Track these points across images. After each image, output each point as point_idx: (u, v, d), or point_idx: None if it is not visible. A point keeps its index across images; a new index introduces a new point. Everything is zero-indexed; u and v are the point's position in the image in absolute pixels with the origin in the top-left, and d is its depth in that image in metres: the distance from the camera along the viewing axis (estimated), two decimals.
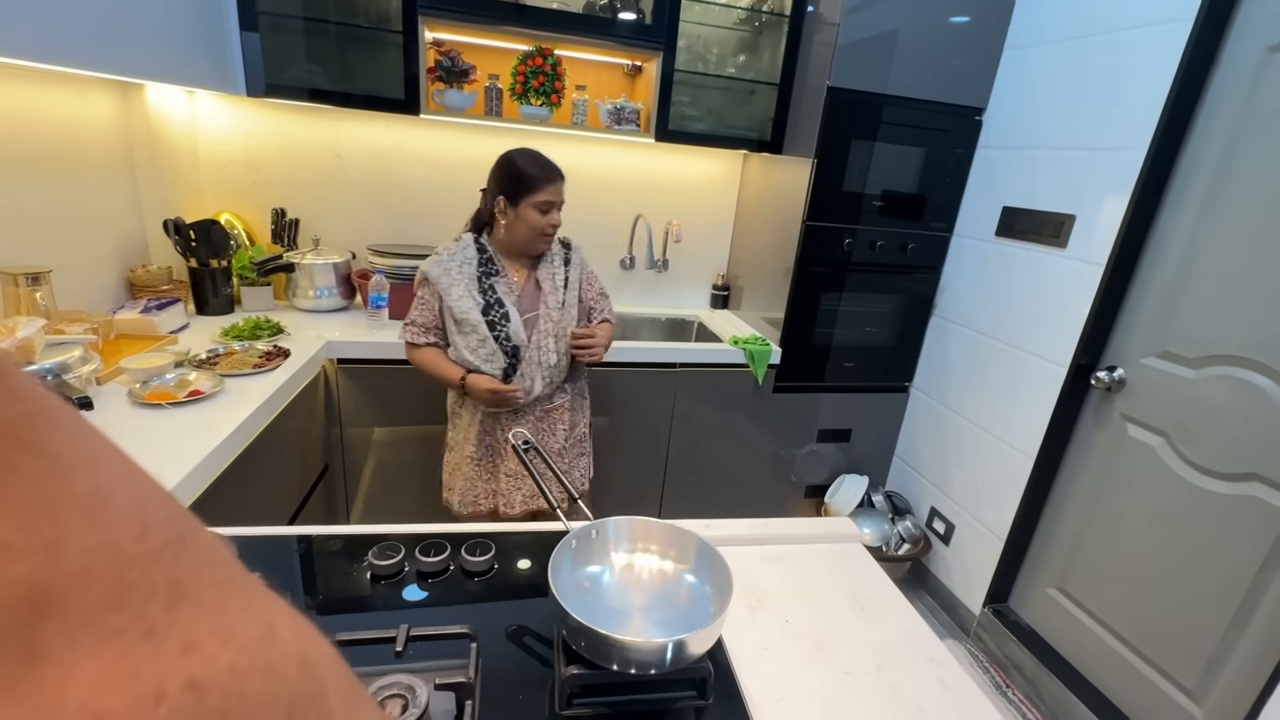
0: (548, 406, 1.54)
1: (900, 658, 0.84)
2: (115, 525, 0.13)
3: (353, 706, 0.17)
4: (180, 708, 0.12)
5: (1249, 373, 1.37)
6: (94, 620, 0.12)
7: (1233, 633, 1.39)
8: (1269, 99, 1.34)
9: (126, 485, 0.14)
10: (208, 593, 0.14)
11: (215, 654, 0.13)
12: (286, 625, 0.16)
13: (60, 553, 0.12)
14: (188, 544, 0.14)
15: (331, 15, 1.83)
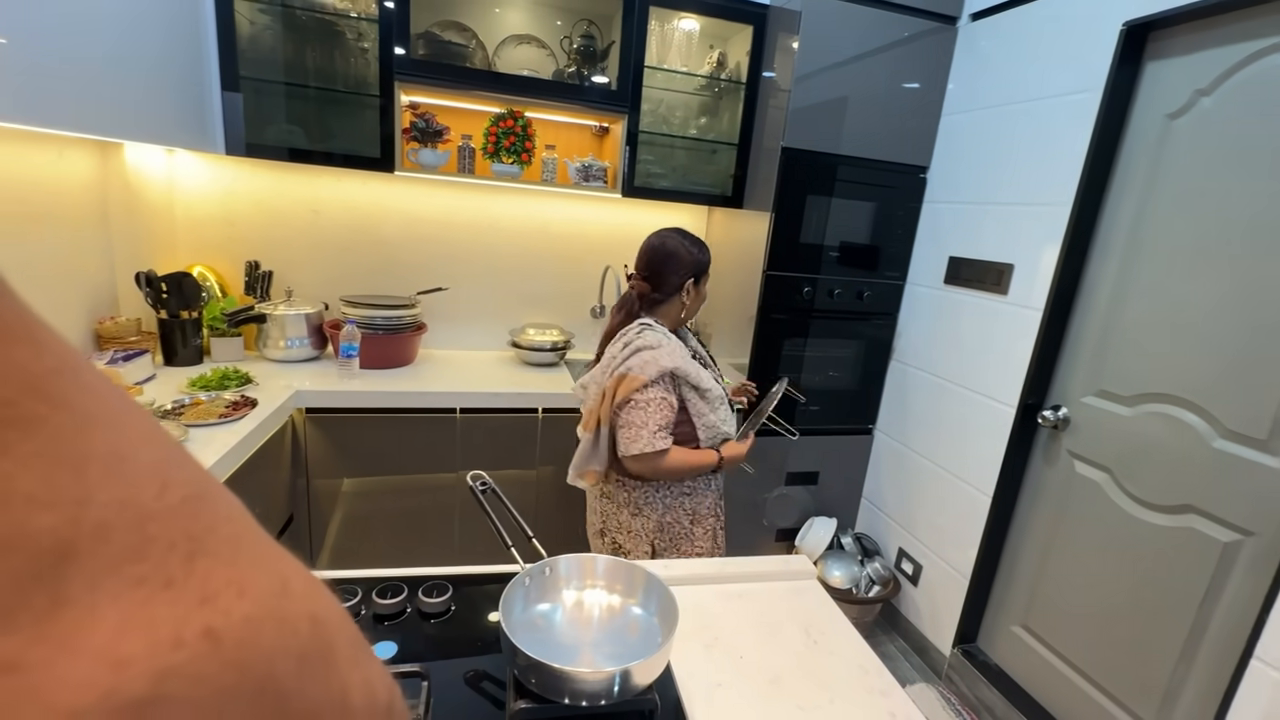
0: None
1: (852, 691, 0.86)
2: (136, 481, 0.13)
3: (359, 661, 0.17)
4: (197, 654, 0.13)
5: (1178, 409, 1.46)
6: (116, 569, 0.12)
7: (1183, 664, 1.43)
8: (1170, 160, 1.48)
9: (147, 443, 0.14)
10: (225, 547, 0.14)
11: (231, 605, 0.14)
12: (299, 581, 0.16)
13: (83, 505, 0.12)
14: (206, 501, 0.15)
15: (311, 80, 1.93)
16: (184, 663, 0.12)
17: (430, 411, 1.88)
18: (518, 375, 2.13)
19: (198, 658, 0.13)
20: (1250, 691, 1.23)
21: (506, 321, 2.38)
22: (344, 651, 0.17)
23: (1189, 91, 1.44)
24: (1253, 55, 1.33)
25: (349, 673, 0.17)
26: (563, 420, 2.00)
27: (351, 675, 0.17)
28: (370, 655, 0.18)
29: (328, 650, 0.16)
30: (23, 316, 0.13)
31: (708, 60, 2.24)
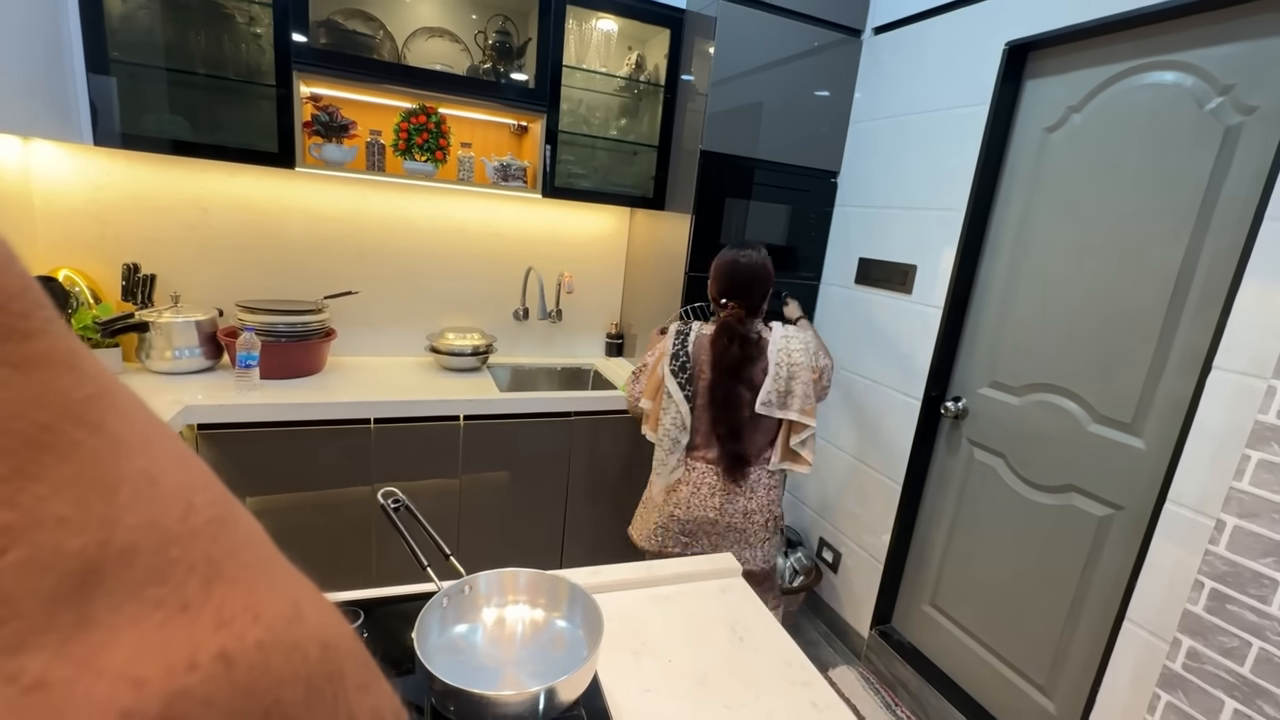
0: None
1: (776, 685, 0.88)
2: (162, 504, 0.14)
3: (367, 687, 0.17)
4: (210, 677, 0.13)
5: (1059, 398, 1.60)
6: (137, 592, 0.13)
7: (1068, 629, 1.57)
8: (1048, 170, 1.62)
9: (175, 466, 0.15)
10: (242, 572, 0.15)
11: (245, 630, 0.14)
12: (312, 607, 0.16)
13: (111, 528, 0.13)
14: (227, 525, 0.15)
15: (197, 67, 1.76)
16: (197, 685, 0.13)
17: (342, 423, 1.77)
18: (437, 382, 2.04)
19: (210, 680, 0.13)
20: (1124, 650, 1.36)
21: (424, 326, 2.29)
22: (352, 677, 0.17)
23: (1063, 107, 1.58)
24: (1113, 77, 1.48)
25: (357, 699, 0.17)
26: (486, 427, 1.94)
27: (360, 702, 0.17)
28: (379, 681, 0.19)
29: (336, 676, 0.16)
30: (70, 346, 0.13)
31: (626, 61, 2.25)
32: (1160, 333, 1.38)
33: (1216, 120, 1.29)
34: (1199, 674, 1.14)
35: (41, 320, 0.13)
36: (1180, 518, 1.27)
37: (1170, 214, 1.36)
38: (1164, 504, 1.30)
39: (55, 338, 0.13)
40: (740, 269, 1.56)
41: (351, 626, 0.18)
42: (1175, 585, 1.27)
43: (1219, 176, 1.29)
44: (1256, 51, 1.24)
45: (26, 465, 0.12)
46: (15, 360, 0.12)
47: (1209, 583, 1.13)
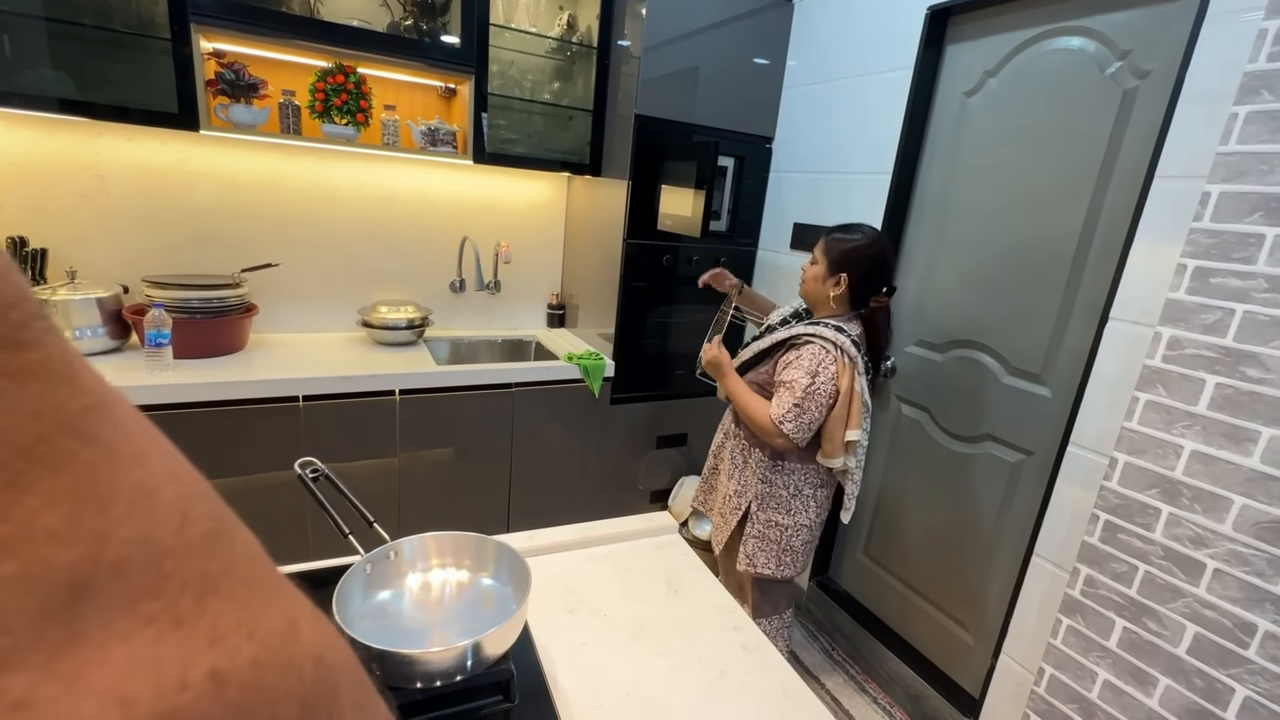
0: None
1: (708, 632, 0.91)
2: (156, 518, 0.13)
3: (363, 706, 0.17)
4: (201, 696, 0.12)
5: (976, 353, 1.68)
6: (129, 607, 0.12)
7: (985, 568, 1.69)
8: (967, 133, 1.68)
9: (171, 479, 0.14)
10: (238, 588, 0.14)
11: (239, 647, 0.14)
12: (308, 624, 0.16)
13: (103, 541, 0.12)
14: (223, 539, 0.15)
15: (81, 17, 1.60)
16: (188, 704, 0.12)
17: (267, 401, 1.69)
18: (371, 356, 1.97)
19: (201, 699, 0.12)
20: (1033, 583, 1.48)
21: (355, 300, 2.20)
22: (348, 696, 0.17)
23: (979, 72, 1.64)
24: (1026, 42, 1.54)
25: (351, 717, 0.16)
26: (424, 401, 1.89)
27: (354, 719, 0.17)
28: (374, 699, 0.18)
29: (331, 694, 0.16)
30: (65, 355, 0.13)
31: (558, 22, 2.18)
32: (1065, 287, 1.47)
33: (1115, 84, 1.36)
34: (1094, 598, 1.25)
35: (39, 330, 0.13)
36: (1081, 459, 1.37)
37: (1074, 174, 1.44)
38: (1067, 447, 1.40)
39: (52, 348, 0.13)
40: (892, 254, 1.49)
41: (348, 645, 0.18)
42: (1075, 520, 1.38)
43: (1117, 138, 1.36)
44: (1151, 17, 1.31)
45: (19, 478, 0.12)
46: (11, 371, 0.12)
47: (1103, 515, 1.23)
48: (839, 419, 1.42)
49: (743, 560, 1.59)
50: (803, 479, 1.53)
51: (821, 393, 1.39)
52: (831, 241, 1.48)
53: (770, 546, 1.56)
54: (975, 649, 1.72)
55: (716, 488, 1.73)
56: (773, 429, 1.41)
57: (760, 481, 1.55)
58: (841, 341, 1.42)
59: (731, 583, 1.70)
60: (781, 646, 1.70)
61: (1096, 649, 1.25)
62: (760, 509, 1.55)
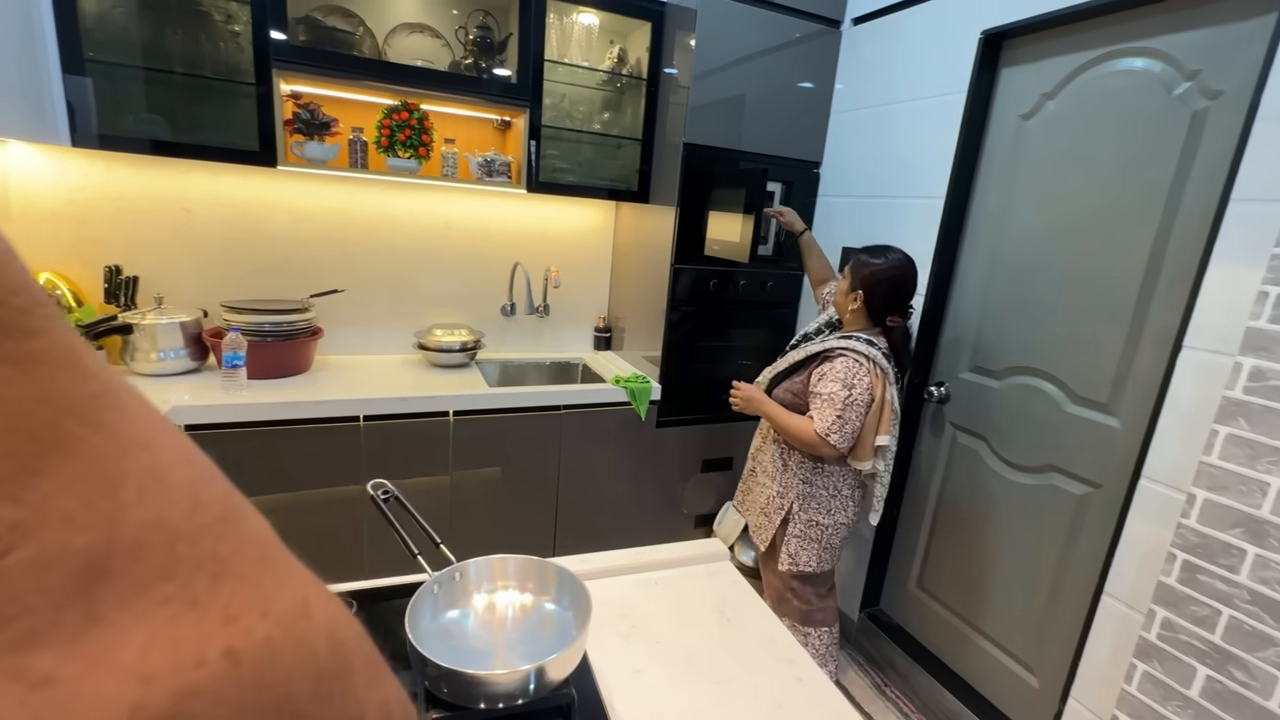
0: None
1: (762, 662, 0.90)
2: (168, 501, 0.14)
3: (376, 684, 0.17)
4: (218, 673, 0.13)
5: (1038, 380, 1.63)
6: (146, 588, 0.13)
7: (1050, 606, 1.61)
8: (1024, 157, 1.65)
9: (181, 463, 0.15)
10: (250, 568, 0.15)
11: (253, 626, 0.14)
12: (320, 603, 0.16)
13: (117, 525, 0.12)
14: (234, 521, 0.15)
15: (175, 65, 1.75)
16: (205, 681, 0.13)
17: (331, 421, 1.77)
18: (426, 378, 2.05)
19: (218, 677, 0.13)
20: (1103, 623, 1.40)
21: (411, 323, 2.29)
22: (361, 673, 0.17)
23: (1037, 95, 1.61)
24: (1085, 64, 1.51)
25: (366, 694, 0.17)
26: (476, 422, 1.95)
27: (368, 696, 0.17)
28: (387, 676, 0.19)
29: (345, 671, 0.16)
30: (71, 343, 0.13)
31: (608, 55, 2.25)
32: (1133, 314, 1.42)
33: (1184, 105, 1.32)
34: (1173, 643, 1.18)
35: (42, 318, 0.13)
36: (1154, 493, 1.31)
37: (1141, 197, 1.39)
38: (1139, 480, 1.33)
39: (57, 335, 0.13)
40: (912, 280, 1.57)
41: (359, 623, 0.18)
42: (1149, 558, 1.30)
43: (1187, 160, 1.32)
44: (1221, 37, 1.27)
45: (32, 462, 0.12)
46: (17, 357, 0.12)
47: (1181, 554, 1.17)
48: (870, 425, 1.53)
49: (785, 560, 1.68)
50: (841, 480, 1.64)
51: (859, 402, 1.50)
52: (857, 262, 1.60)
53: (812, 545, 1.66)
54: (1041, 692, 1.64)
55: (753, 489, 1.81)
56: (819, 441, 1.51)
57: (802, 483, 1.65)
58: (874, 354, 1.52)
59: (771, 594, 1.77)
60: (831, 669, 1.77)
61: (1176, 698, 1.17)
62: (802, 509, 1.65)
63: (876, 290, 1.55)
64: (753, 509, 1.80)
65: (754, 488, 1.81)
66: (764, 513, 1.74)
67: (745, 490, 1.87)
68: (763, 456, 1.78)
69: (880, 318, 1.58)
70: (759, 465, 1.80)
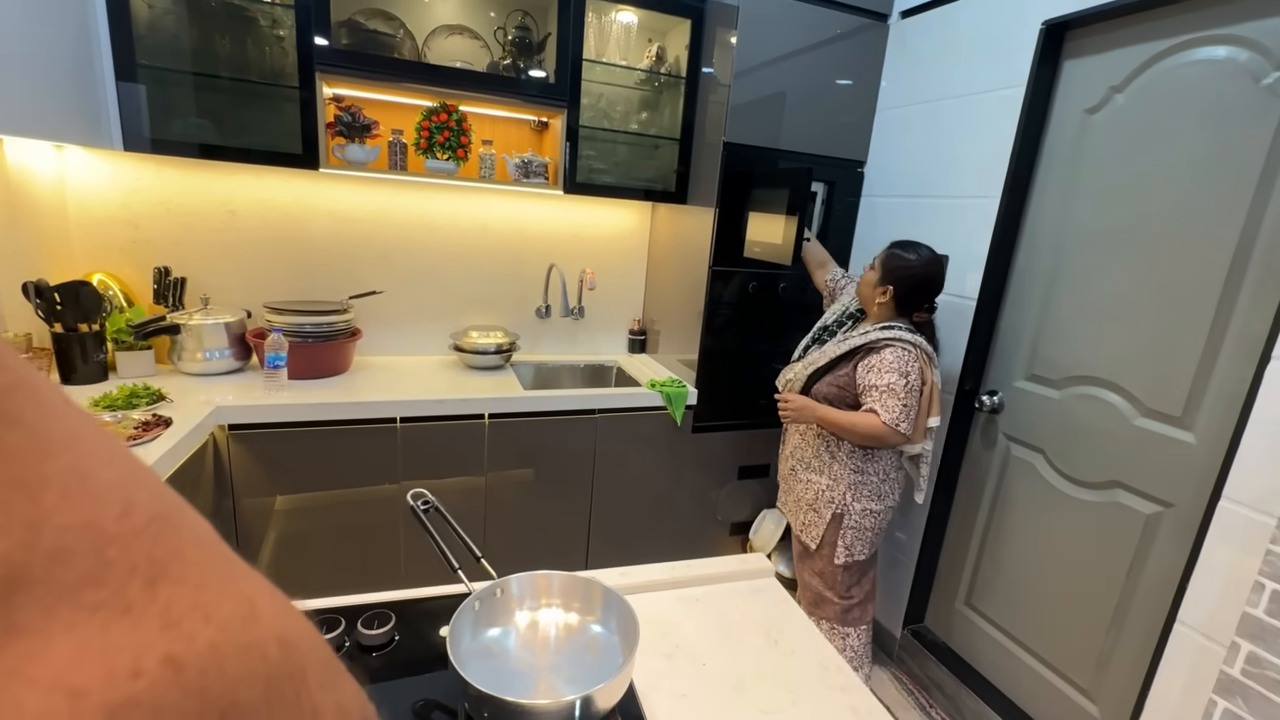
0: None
1: (814, 690, 0.85)
2: (95, 503, 0.13)
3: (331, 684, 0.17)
4: (156, 682, 0.12)
5: (1102, 390, 1.53)
6: (72, 596, 0.12)
7: (1114, 632, 1.51)
8: (1089, 153, 1.56)
9: (108, 462, 0.14)
10: (190, 571, 0.14)
11: (195, 631, 0.13)
12: (268, 605, 0.16)
13: (37, 530, 0.12)
14: (170, 522, 0.14)
15: (222, 70, 1.78)
16: (142, 692, 0.12)
17: (368, 422, 1.78)
18: (461, 380, 2.04)
19: (157, 686, 0.12)
20: (1175, 654, 1.31)
21: (447, 325, 2.29)
22: (315, 675, 0.16)
23: (1104, 88, 1.52)
24: (1158, 54, 1.41)
25: (320, 696, 0.16)
26: (511, 425, 1.93)
27: (323, 699, 0.16)
28: (343, 676, 0.18)
29: (298, 674, 0.15)
30: None
31: (647, 54, 2.21)
32: (1213, 320, 1.32)
33: (1275, 96, 1.22)
34: (1260, 680, 1.09)
35: None
36: (1237, 516, 1.21)
37: (1224, 195, 1.29)
38: (1218, 501, 1.23)
39: None
40: (941, 277, 1.62)
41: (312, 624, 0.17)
42: (1232, 587, 1.21)
43: (1278, 153, 1.22)
44: None
45: None
46: None
47: (1270, 584, 1.07)
48: (923, 409, 1.58)
49: (842, 554, 1.68)
50: (889, 463, 1.67)
51: (916, 388, 1.54)
52: (889, 255, 1.62)
53: (866, 534, 1.67)
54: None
55: (795, 487, 1.80)
56: (888, 431, 1.53)
57: (853, 473, 1.66)
58: (919, 341, 1.57)
59: (808, 595, 1.77)
60: (866, 671, 1.78)
61: None
62: (856, 499, 1.65)
63: (905, 285, 1.58)
64: (798, 507, 1.77)
65: (795, 486, 1.79)
66: (813, 508, 1.72)
67: (786, 490, 1.85)
68: (803, 453, 1.77)
69: (907, 311, 1.62)
70: (799, 463, 1.78)
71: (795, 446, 1.81)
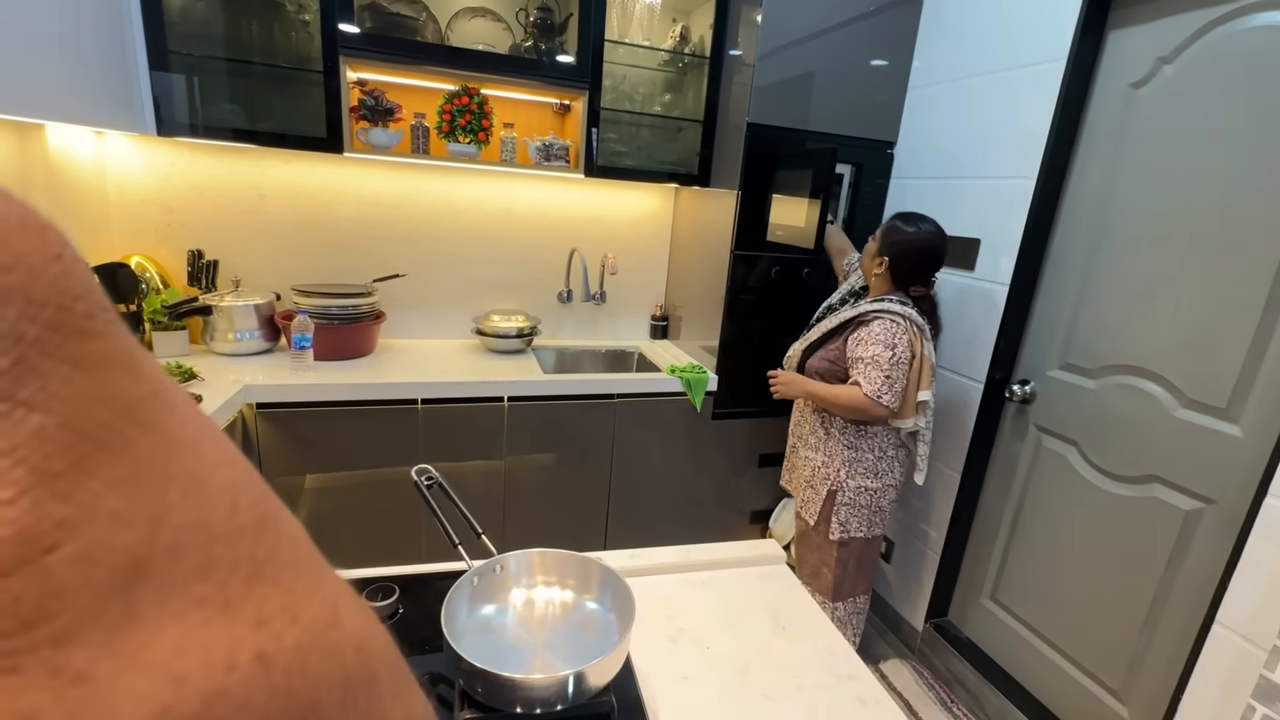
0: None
1: (820, 678, 0.84)
2: (209, 503, 0.14)
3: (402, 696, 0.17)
4: (247, 677, 0.13)
5: (1141, 380, 1.46)
6: (182, 589, 0.13)
7: (1147, 630, 1.45)
8: (1134, 130, 1.47)
9: (223, 466, 0.15)
10: (284, 572, 0.15)
11: (284, 630, 0.14)
12: (350, 611, 0.16)
13: (159, 525, 0.13)
14: (270, 525, 0.15)
15: (253, 56, 1.81)
16: (234, 685, 0.13)
17: (391, 403, 1.81)
18: (482, 364, 2.06)
19: (247, 681, 0.13)
20: (1213, 656, 1.25)
21: (469, 308, 2.31)
22: (387, 684, 0.17)
23: (1151, 59, 1.43)
24: (1213, 22, 1.32)
25: (391, 706, 0.17)
26: (530, 408, 1.94)
27: (393, 708, 0.17)
28: (413, 687, 0.19)
29: (372, 682, 0.16)
30: (128, 347, 0.14)
31: (670, 34, 2.18)
32: (1265, 307, 1.24)
33: None
34: None
35: (103, 322, 0.13)
36: None
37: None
38: (1264, 498, 1.17)
39: (115, 339, 0.13)
40: (940, 251, 1.59)
41: (388, 633, 0.18)
42: (1275, 587, 1.14)
43: None
44: None
45: (84, 461, 0.12)
46: (78, 358, 0.12)
47: None
48: (912, 382, 1.55)
49: (836, 530, 1.67)
50: (885, 441, 1.65)
51: (903, 360, 1.52)
52: (889, 226, 1.61)
53: (862, 511, 1.66)
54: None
55: (797, 464, 1.81)
56: (870, 403, 1.51)
57: (846, 449, 1.65)
58: (909, 313, 1.55)
59: (805, 569, 1.77)
60: (851, 635, 1.79)
61: None
62: (850, 476, 1.65)
63: (903, 258, 1.57)
64: (798, 483, 1.79)
65: (797, 463, 1.81)
66: (810, 485, 1.73)
67: (790, 467, 1.87)
68: (802, 429, 1.79)
69: (904, 284, 1.60)
70: (799, 440, 1.81)
71: (796, 423, 1.83)
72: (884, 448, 1.65)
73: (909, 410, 1.57)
